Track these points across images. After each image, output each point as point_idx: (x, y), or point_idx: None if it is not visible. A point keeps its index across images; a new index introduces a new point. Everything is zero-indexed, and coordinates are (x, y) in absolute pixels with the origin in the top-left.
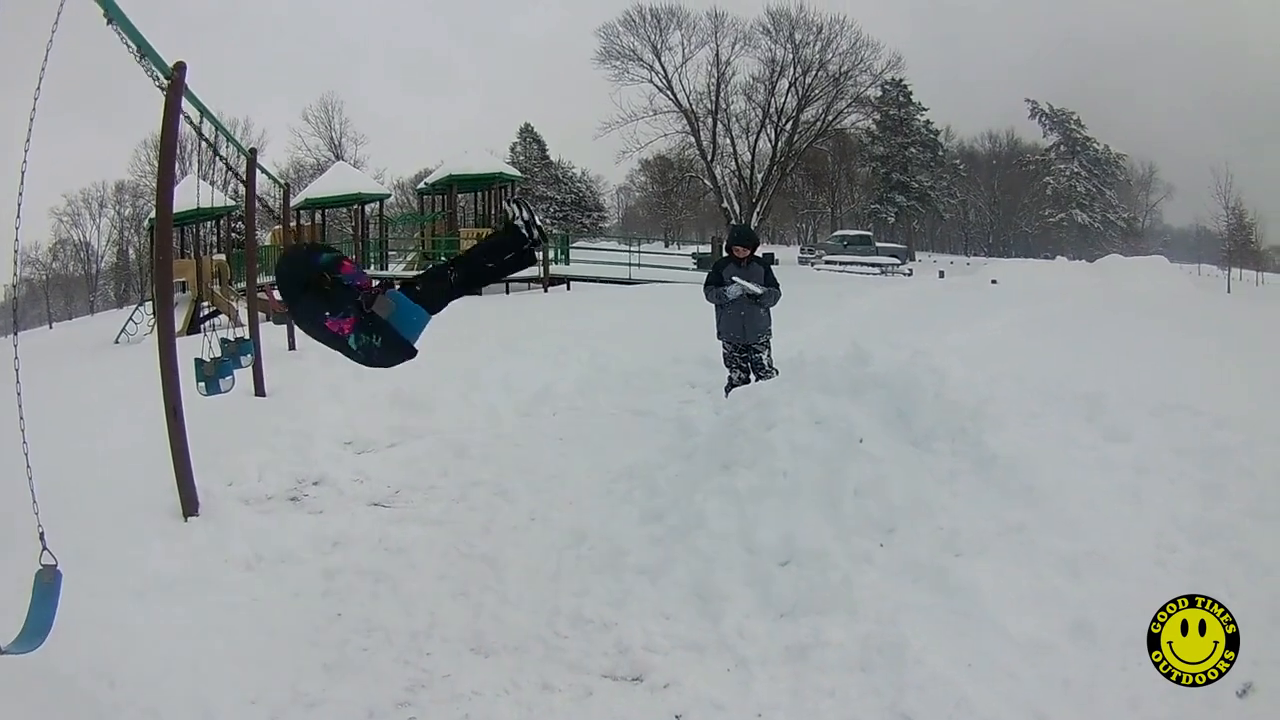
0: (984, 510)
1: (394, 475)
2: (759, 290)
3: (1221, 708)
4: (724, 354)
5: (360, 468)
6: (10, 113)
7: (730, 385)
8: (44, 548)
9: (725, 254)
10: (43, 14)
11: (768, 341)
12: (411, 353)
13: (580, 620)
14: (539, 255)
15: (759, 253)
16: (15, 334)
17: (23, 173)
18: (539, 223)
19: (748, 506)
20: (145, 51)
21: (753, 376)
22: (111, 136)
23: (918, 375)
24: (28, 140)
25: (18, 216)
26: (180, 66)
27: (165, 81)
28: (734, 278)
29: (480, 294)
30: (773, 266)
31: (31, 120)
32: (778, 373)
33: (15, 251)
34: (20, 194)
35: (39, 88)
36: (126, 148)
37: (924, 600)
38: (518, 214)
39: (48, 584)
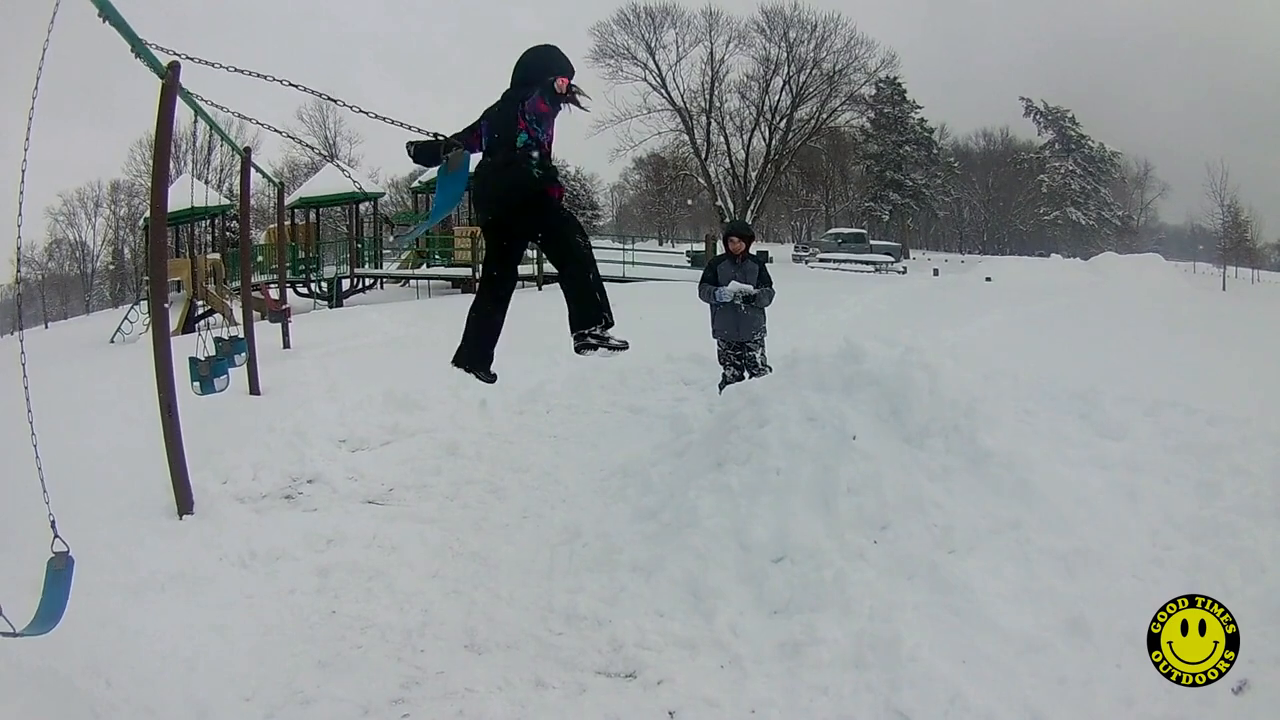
0: (978, 507)
1: (387, 473)
2: (753, 291)
3: (1217, 705)
4: (718, 351)
5: (354, 466)
6: (5, 112)
7: (724, 382)
8: (55, 535)
9: (723, 248)
10: (38, 13)
11: (762, 339)
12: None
13: (574, 617)
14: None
15: (754, 250)
16: (20, 330)
17: (23, 172)
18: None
19: (741, 503)
20: (139, 50)
21: (746, 374)
22: (107, 135)
23: (911, 372)
24: (27, 140)
25: (19, 215)
26: (175, 66)
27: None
28: (729, 280)
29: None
30: (767, 265)
31: (30, 119)
32: (771, 370)
33: (17, 250)
34: (21, 194)
35: (37, 87)
36: (122, 147)
37: (918, 597)
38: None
39: (60, 570)
